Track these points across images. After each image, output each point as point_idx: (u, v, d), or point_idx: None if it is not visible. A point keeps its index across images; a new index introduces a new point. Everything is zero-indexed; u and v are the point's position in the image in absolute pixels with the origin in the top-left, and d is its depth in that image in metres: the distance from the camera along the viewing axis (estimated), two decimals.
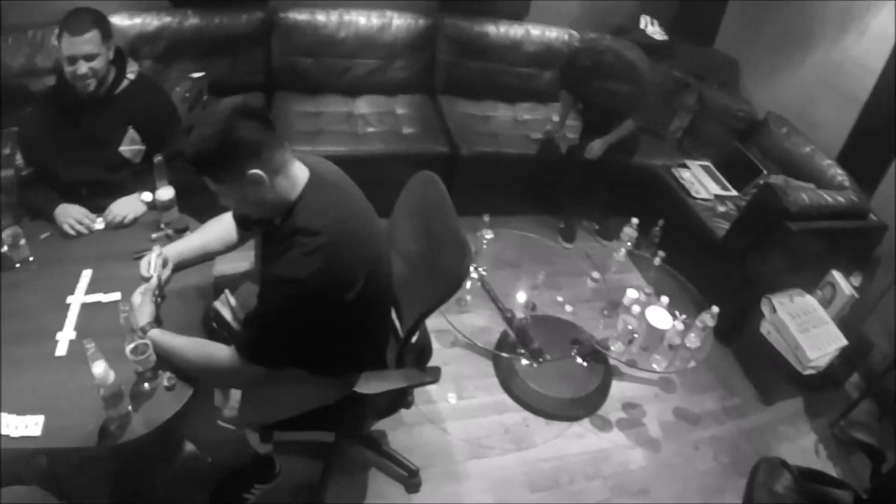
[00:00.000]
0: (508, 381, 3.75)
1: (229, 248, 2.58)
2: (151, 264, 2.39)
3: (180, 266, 2.51)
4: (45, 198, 2.87)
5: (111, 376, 1.99)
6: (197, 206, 2.90)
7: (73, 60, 2.70)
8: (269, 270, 1.98)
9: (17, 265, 2.65)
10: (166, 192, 2.75)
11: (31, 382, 2.19)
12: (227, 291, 2.42)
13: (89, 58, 2.71)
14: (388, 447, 3.17)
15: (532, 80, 5.20)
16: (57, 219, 2.81)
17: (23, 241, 2.62)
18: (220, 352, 2.07)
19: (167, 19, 4.35)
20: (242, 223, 2.48)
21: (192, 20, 4.39)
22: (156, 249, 2.44)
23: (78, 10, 2.69)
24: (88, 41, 2.67)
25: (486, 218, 3.85)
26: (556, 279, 4.06)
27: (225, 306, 2.60)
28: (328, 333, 2.09)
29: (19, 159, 2.95)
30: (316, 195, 2.02)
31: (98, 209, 2.89)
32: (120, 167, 2.96)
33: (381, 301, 2.36)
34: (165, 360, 2.14)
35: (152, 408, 2.15)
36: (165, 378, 2.20)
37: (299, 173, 2.03)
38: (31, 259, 2.68)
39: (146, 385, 2.18)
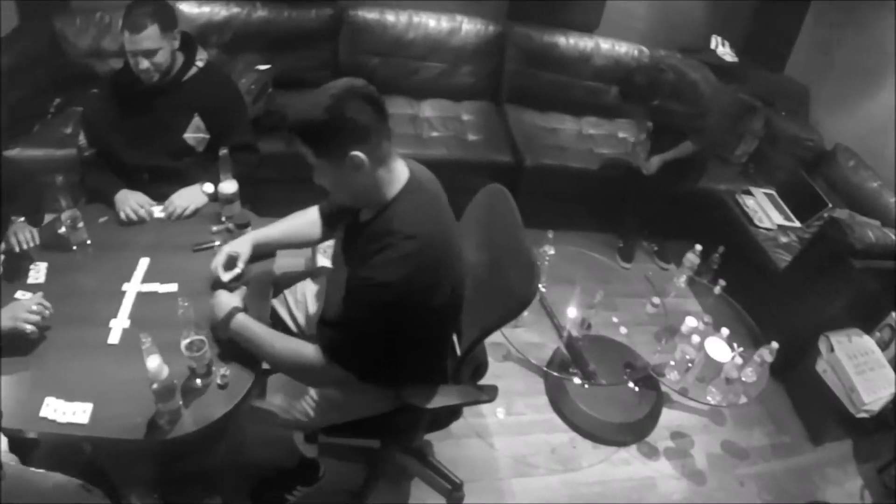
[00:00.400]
0: (558, 400, 3.68)
1: (309, 244, 2.58)
2: (222, 269, 2.38)
3: (257, 255, 2.49)
4: (106, 181, 2.86)
5: (165, 371, 1.95)
6: (257, 201, 2.84)
7: (134, 55, 2.68)
8: (358, 272, 1.93)
9: (74, 248, 2.64)
10: (230, 186, 2.71)
11: (81, 368, 2.16)
12: (285, 292, 2.36)
13: (149, 53, 2.68)
14: (433, 458, 3.13)
15: (599, 95, 5.10)
16: (117, 203, 2.79)
17: (81, 224, 2.61)
18: (306, 349, 2.03)
19: (235, 10, 4.35)
20: (329, 216, 2.47)
21: (261, 12, 4.38)
22: (228, 250, 2.41)
23: (136, 5, 2.65)
24: (147, 38, 2.64)
25: (550, 234, 3.76)
26: (612, 299, 3.97)
27: (282, 305, 2.55)
28: (404, 341, 2.04)
29: (82, 139, 2.94)
30: (414, 199, 1.98)
31: (158, 195, 2.87)
32: (183, 154, 2.94)
33: (456, 315, 2.34)
34: (248, 346, 2.11)
35: (203, 405, 2.11)
36: (219, 376, 2.16)
37: (400, 172, 2.00)
38: (88, 242, 2.66)
39: (198, 381, 2.14)
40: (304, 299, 2.65)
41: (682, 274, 4.04)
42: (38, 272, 2.54)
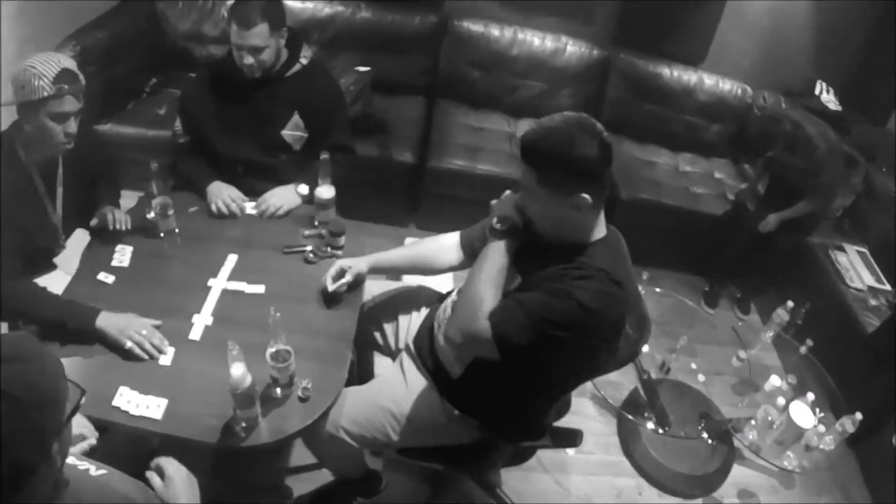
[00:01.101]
0: (629, 443, 3.53)
1: (438, 271, 2.46)
2: (331, 280, 2.32)
3: (374, 271, 2.42)
4: (200, 170, 2.78)
5: (248, 380, 1.85)
6: (348, 206, 2.75)
7: (239, 49, 2.60)
8: (557, 283, 1.81)
9: (162, 234, 2.56)
10: (327, 191, 2.60)
11: (159, 363, 2.08)
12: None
13: (255, 51, 2.60)
14: (499, 488, 3.03)
15: (698, 131, 4.89)
16: (209, 194, 2.71)
17: (171, 212, 2.53)
18: (488, 305, 1.87)
19: (339, 8, 4.29)
20: (472, 244, 2.36)
21: (364, 13, 4.31)
22: (342, 264, 2.34)
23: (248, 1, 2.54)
24: (256, 35, 2.55)
25: (645, 276, 3.60)
26: (693, 344, 3.80)
27: (373, 323, 2.46)
28: (554, 369, 2.01)
29: (178, 125, 2.87)
30: (615, 253, 1.94)
31: (250, 190, 2.78)
32: (279, 151, 2.85)
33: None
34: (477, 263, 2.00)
35: (281, 416, 2.01)
36: (300, 388, 2.06)
37: (602, 220, 1.92)
38: (176, 231, 2.58)
39: (278, 391, 2.04)
40: (406, 325, 2.55)
41: (769, 329, 3.84)
42: (122, 255, 2.48)
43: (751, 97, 4.82)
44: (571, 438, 2.43)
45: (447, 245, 2.41)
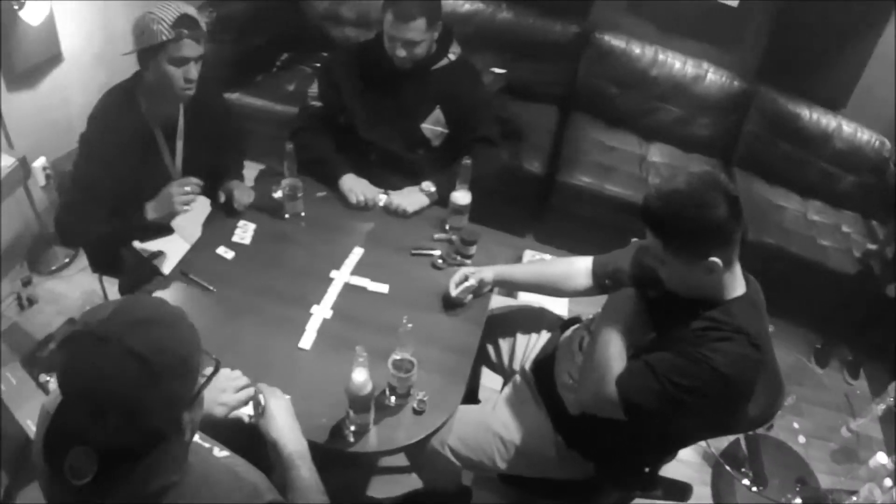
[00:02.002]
0: (723, 495, 3.32)
1: (563, 295, 2.35)
2: (454, 285, 2.20)
3: (498, 283, 2.30)
4: (334, 159, 2.69)
5: (369, 387, 1.74)
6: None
7: (393, 40, 2.50)
8: (693, 347, 1.71)
9: (287, 216, 2.47)
10: (463, 197, 2.47)
11: (274, 351, 1.98)
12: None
13: (410, 45, 2.50)
14: None
15: (832, 180, 4.59)
16: (343, 185, 2.62)
17: (300, 195, 2.44)
18: (617, 370, 1.82)
19: (481, 6, 4.17)
20: (604, 277, 2.24)
21: (506, 14, 4.18)
22: (466, 271, 2.22)
23: None
24: (413, 29, 2.45)
25: (771, 328, 3.36)
26: (799, 404, 3.64)
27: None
28: (684, 427, 1.96)
29: (313, 89, 2.76)
30: (754, 311, 1.81)
31: (379, 181, 2.69)
32: (416, 145, 2.73)
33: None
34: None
35: (392, 426, 1.91)
36: (416, 400, 1.94)
37: (739, 276, 1.81)
38: (302, 215, 2.49)
39: (393, 399, 1.93)
40: (524, 347, 2.42)
41: (881, 402, 3.64)
42: (244, 232, 2.41)
43: (889, 151, 4.51)
44: (681, 492, 2.27)
45: (579, 269, 2.28)
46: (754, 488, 3.16)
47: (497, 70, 3.95)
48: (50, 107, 3.20)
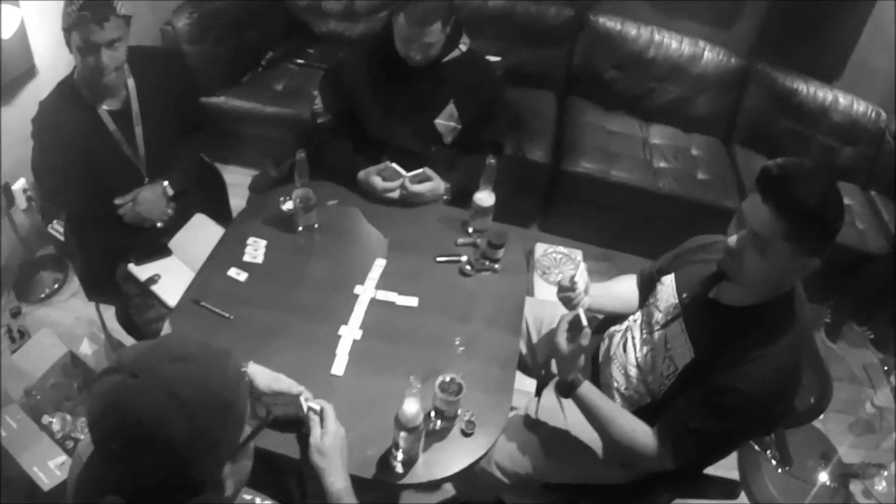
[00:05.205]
0: (750, 475, 3.24)
1: (623, 317, 2.18)
2: (579, 277, 2.00)
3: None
4: (348, 157, 2.56)
5: (420, 418, 1.62)
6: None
7: (406, 43, 2.37)
8: (723, 377, 1.67)
9: (300, 229, 2.32)
10: (487, 198, 2.33)
11: (304, 381, 1.77)
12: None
13: (427, 47, 2.38)
14: None
15: (831, 153, 4.52)
16: (363, 180, 2.49)
17: (313, 204, 2.29)
18: (642, 436, 1.81)
19: None
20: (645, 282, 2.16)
21: (498, 0, 4.06)
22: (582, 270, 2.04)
23: None
24: (430, 34, 2.33)
25: None
26: None
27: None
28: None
29: (318, 104, 2.63)
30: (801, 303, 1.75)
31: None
32: (429, 141, 2.60)
33: None
34: (585, 413, 1.88)
35: (440, 451, 1.79)
36: (464, 422, 1.81)
37: None
38: (315, 226, 2.34)
39: (440, 423, 1.80)
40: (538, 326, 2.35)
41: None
42: (255, 250, 2.25)
43: (884, 122, 4.47)
44: (729, 490, 2.20)
45: (632, 290, 2.25)
46: (779, 469, 3.17)
47: (492, 58, 3.79)
48: (27, 123, 3.02)
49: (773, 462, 3.19)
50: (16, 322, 3.09)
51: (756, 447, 3.24)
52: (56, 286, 3.31)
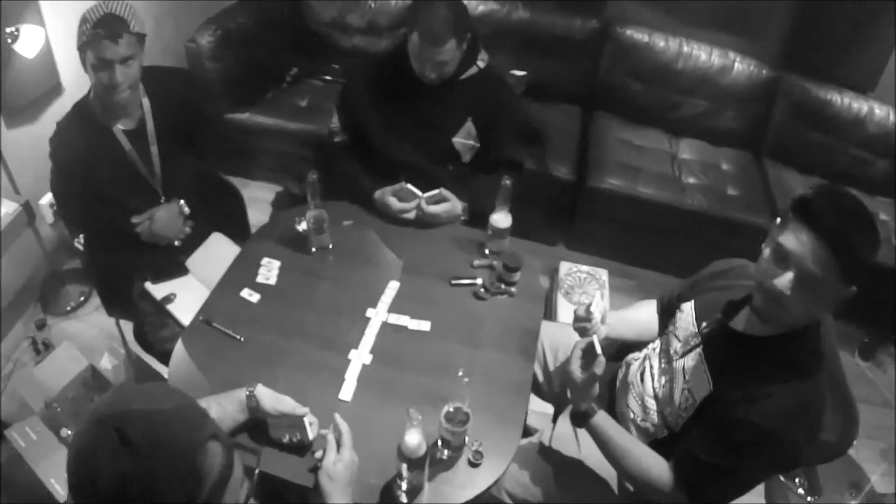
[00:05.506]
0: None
1: (642, 346, 2.12)
2: (595, 307, 1.94)
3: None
4: (363, 177, 2.55)
5: (423, 449, 1.61)
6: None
7: (421, 61, 2.35)
8: (739, 410, 1.60)
9: (314, 250, 2.31)
10: (503, 219, 2.29)
11: (311, 405, 1.75)
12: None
13: (440, 66, 2.35)
14: None
15: (864, 166, 4.41)
16: (380, 201, 2.48)
17: (326, 226, 2.28)
18: (657, 470, 1.76)
19: (495, 6, 4.01)
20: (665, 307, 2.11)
21: (522, 13, 4.02)
22: (598, 299, 1.97)
23: (437, 9, 2.25)
24: (443, 52, 2.30)
25: None
26: None
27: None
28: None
29: (335, 122, 2.62)
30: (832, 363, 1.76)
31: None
32: (447, 160, 2.58)
33: None
34: (599, 444, 1.83)
35: (446, 482, 1.75)
36: (471, 452, 1.78)
37: None
38: (329, 247, 2.33)
39: (447, 453, 1.77)
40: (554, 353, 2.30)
41: None
42: (269, 271, 2.25)
43: None
44: None
45: (652, 315, 2.19)
46: (809, 498, 3.07)
47: (517, 72, 3.80)
48: None
49: (801, 491, 3.10)
50: (41, 334, 3.14)
51: (783, 478, 3.15)
52: (82, 299, 3.34)
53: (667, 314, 2.05)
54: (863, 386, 3.79)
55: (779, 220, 1.56)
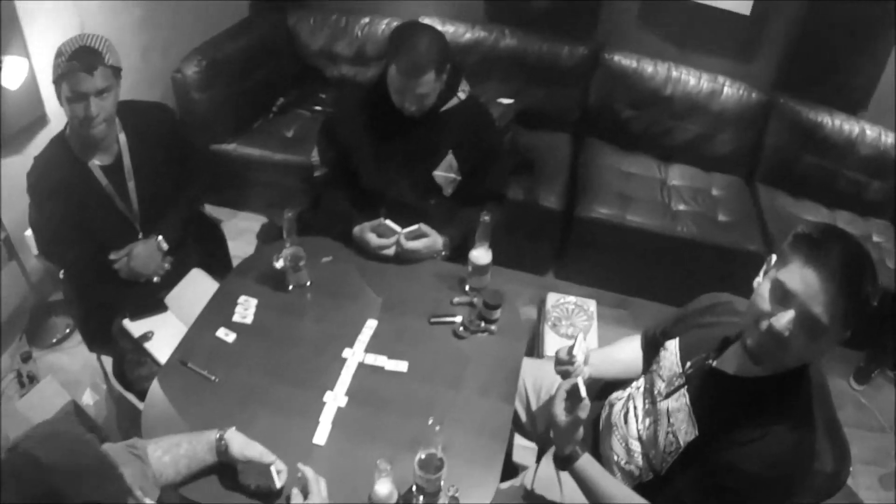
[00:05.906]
0: None
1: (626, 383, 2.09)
2: (577, 349, 1.91)
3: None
4: (343, 212, 2.52)
5: (394, 498, 1.62)
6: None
7: (399, 93, 2.33)
8: (727, 455, 1.56)
9: (291, 288, 2.29)
10: (483, 256, 2.27)
11: (285, 449, 1.74)
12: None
13: (421, 98, 2.33)
14: None
15: (858, 188, 4.39)
16: (359, 237, 2.44)
17: (303, 264, 2.25)
18: None
19: (482, 34, 4.01)
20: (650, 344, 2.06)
21: (509, 41, 4.01)
22: (580, 340, 1.94)
23: (417, 41, 2.24)
24: (422, 84, 2.27)
25: None
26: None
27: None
28: None
29: (315, 156, 2.64)
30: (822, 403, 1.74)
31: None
32: (427, 194, 2.56)
33: None
34: (581, 486, 1.77)
35: None
36: (447, 497, 1.73)
37: None
38: (307, 284, 2.30)
39: (421, 499, 1.73)
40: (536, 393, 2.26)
41: None
42: (245, 310, 2.22)
43: None
44: None
45: (636, 352, 2.14)
46: None
47: (505, 100, 3.77)
48: None
49: None
50: (26, 367, 3.10)
51: None
52: (67, 331, 3.32)
53: (651, 349, 2.00)
54: (856, 411, 3.76)
55: (774, 256, 1.51)
